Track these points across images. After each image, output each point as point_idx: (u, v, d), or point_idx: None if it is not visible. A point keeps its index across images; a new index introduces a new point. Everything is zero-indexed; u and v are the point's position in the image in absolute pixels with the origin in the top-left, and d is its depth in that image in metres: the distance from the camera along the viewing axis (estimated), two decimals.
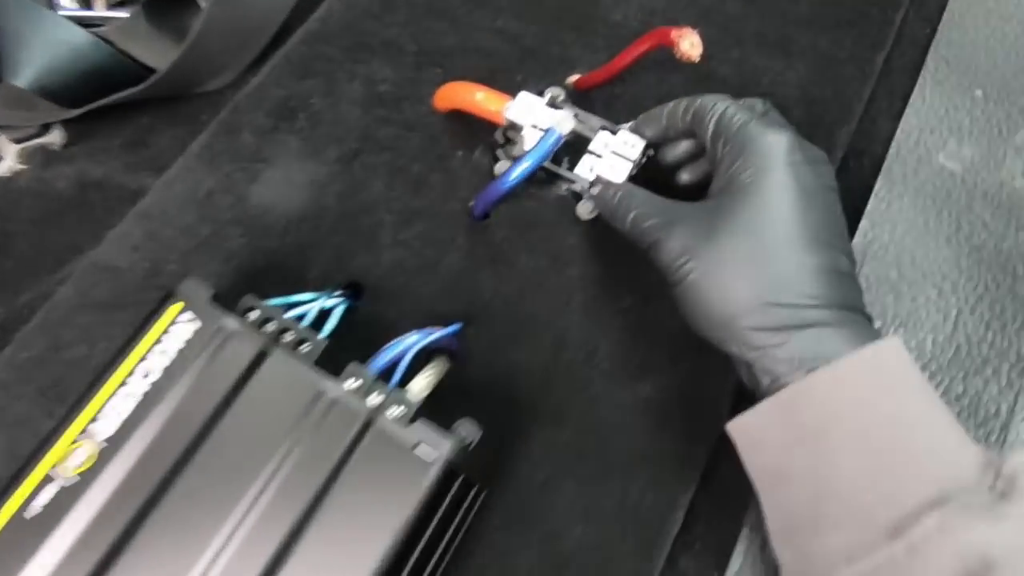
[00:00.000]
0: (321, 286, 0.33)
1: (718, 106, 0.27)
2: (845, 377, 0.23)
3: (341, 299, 0.30)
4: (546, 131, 0.31)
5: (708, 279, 0.25)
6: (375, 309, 0.32)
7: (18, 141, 0.41)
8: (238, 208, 0.35)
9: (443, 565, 0.26)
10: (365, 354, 0.28)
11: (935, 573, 0.20)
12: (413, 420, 0.25)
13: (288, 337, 0.27)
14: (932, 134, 0.34)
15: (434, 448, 0.24)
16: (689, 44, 0.28)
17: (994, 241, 0.31)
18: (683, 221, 0.27)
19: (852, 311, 0.24)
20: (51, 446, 0.24)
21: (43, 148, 0.40)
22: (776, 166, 0.25)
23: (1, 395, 0.31)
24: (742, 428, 0.25)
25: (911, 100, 0.35)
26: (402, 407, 0.26)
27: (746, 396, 0.30)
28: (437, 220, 0.34)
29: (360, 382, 0.26)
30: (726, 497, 0.28)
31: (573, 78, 0.37)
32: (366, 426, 0.24)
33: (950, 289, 0.30)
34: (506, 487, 0.28)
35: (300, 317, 0.29)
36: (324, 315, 0.29)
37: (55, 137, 0.41)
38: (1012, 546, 0.20)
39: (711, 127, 0.28)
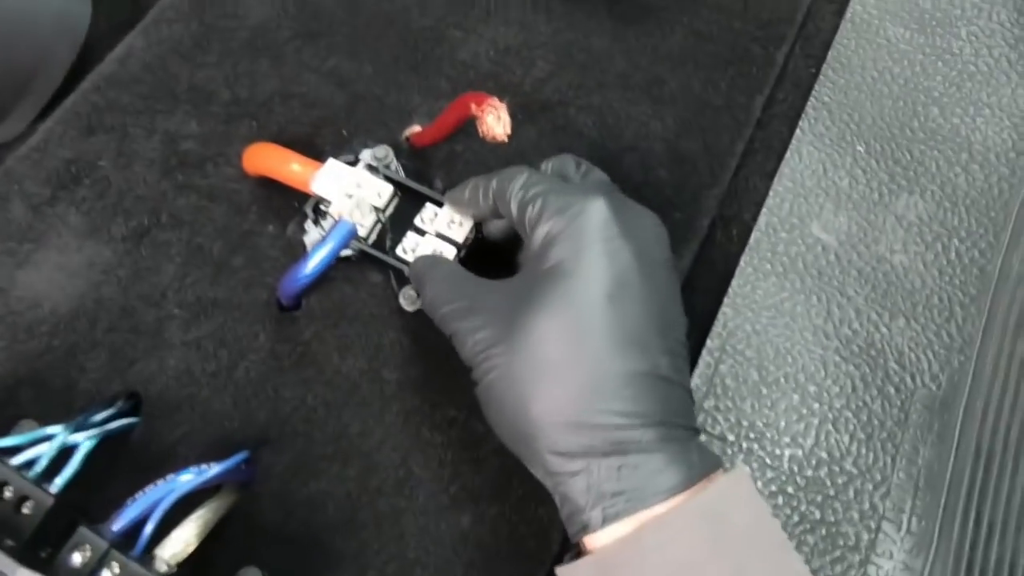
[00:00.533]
0: (91, 400, 0.28)
1: (516, 181, 0.23)
2: (665, 538, 0.19)
3: (94, 432, 0.25)
4: (337, 220, 0.26)
5: (505, 385, 0.21)
6: (153, 428, 0.27)
7: None
8: None
9: None
10: (137, 487, 0.23)
11: None
12: None
13: (7, 494, 0.22)
14: (807, 199, 0.30)
15: None
16: (494, 119, 0.23)
17: (866, 331, 0.27)
18: (485, 308, 0.22)
19: (673, 427, 0.20)
20: None
21: None
22: (586, 246, 0.21)
23: None
24: None
25: (786, 157, 0.31)
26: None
27: None
28: (237, 313, 0.29)
29: (87, 555, 0.21)
30: None
31: (410, 131, 0.32)
32: None
33: (814, 394, 0.26)
34: None
35: (32, 462, 0.24)
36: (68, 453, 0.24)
37: None
38: None
39: (514, 207, 0.23)
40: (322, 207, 0.30)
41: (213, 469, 0.24)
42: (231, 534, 0.25)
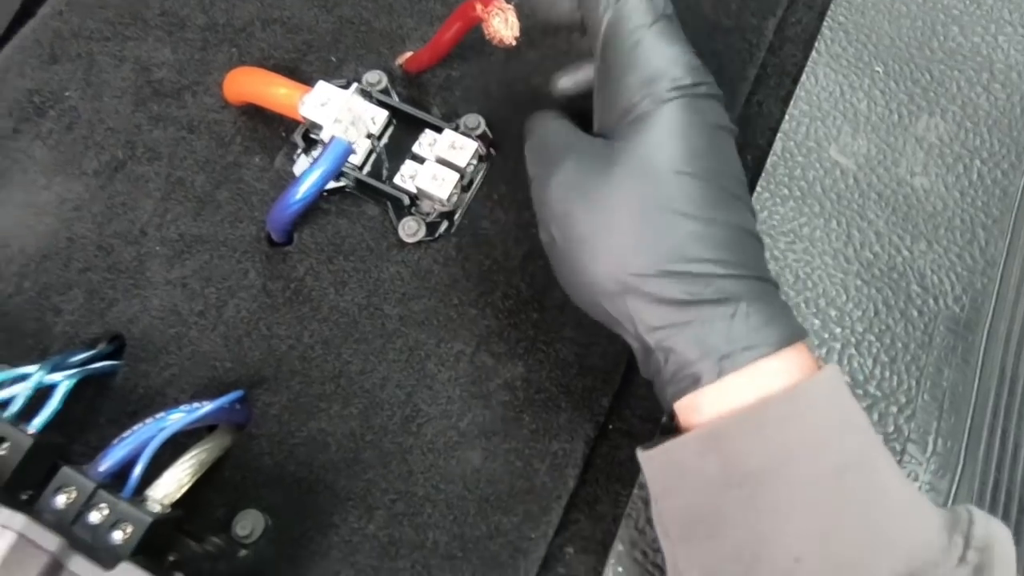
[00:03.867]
0: (69, 343, 0.26)
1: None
2: (792, 412, 0.18)
3: (73, 371, 0.23)
4: (330, 139, 0.24)
5: (593, 237, 0.20)
6: (138, 371, 0.25)
7: None
8: None
9: None
10: (123, 431, 0.21)
11: None
12: (137, 552, 0.19)
13: None
14: (824, 122, 0.28)
15: None
16: (501, 22, 0.21)
17: (887, 255, 0.26)
18: (568, 158, 0.21)
19: (762, 280, 0.20)
20: None
21: None
22: (675, 96, 0.20)
23: None
24: (659, 459, 0.20)
25: (802, 80, 0.29)
26: (129, 528, 0.20)
27: (603, 467, 0.25)
28: (224, 249, 0.27)
29: (72, 496, 0.20)
30: None
31: (403, 57, 0.30)
32: None
33: (836, 318, 0.25)
34: None
35: (6, 402, 0.22)
36: (45, 393, 0.22)
37: None
38: None
39: (603, 25, 0.21)
40: (312, 135, 0.28)
41: (205, 407, 0.23)
42: (229, 477, 0.24)
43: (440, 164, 0.26)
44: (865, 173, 0.27)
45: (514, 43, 0.22)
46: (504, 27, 0.21)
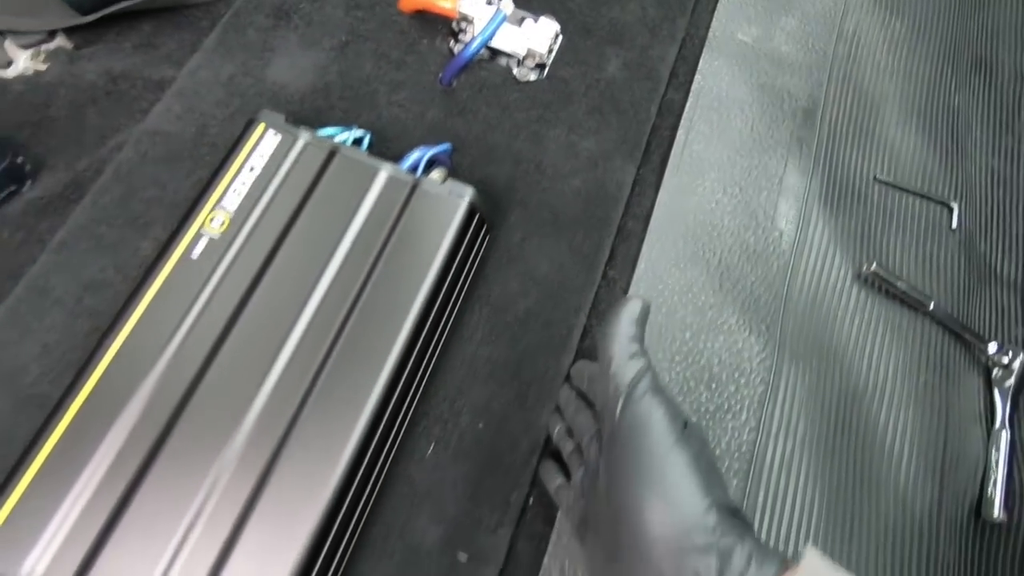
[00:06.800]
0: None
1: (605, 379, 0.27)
2: None
3: (365, 132, 0.42)
4: (495, 13, 0.45)
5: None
6: (383, 150, 0.44)
7: (25, 47, 0.47)
8: (258, 86, 0.45)
9: (465, 288, 0.40)
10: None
11: None
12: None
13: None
14: (732, 21, 0.52)
15: (462, 195, 0.37)
16: None
17: (771, 80, 0.50)
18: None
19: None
20: (196, 215, 0.34)
21: (62, 49, 0.46)
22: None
23: (95, 227, 0.40)
24: None
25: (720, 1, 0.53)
26: (435, 174, 0.39)
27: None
28: (417, 88, 0.47)
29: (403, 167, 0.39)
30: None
31: None
32: (414, 188, 0.37)
33: (750, 121, 0.48)
34: (496, 242, 0.42)
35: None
36: (356, 142, 0.41)
37: (62, 42, 0.47)
38: None
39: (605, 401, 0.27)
40: (463, 24, 0.48)
41: (437, 147, 0.42)
42: None
43: (537, 36, 0.47)
44: (757, 44, 0.51)
45: None
46: None
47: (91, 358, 0.32)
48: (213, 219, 0.35)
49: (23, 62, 0.46)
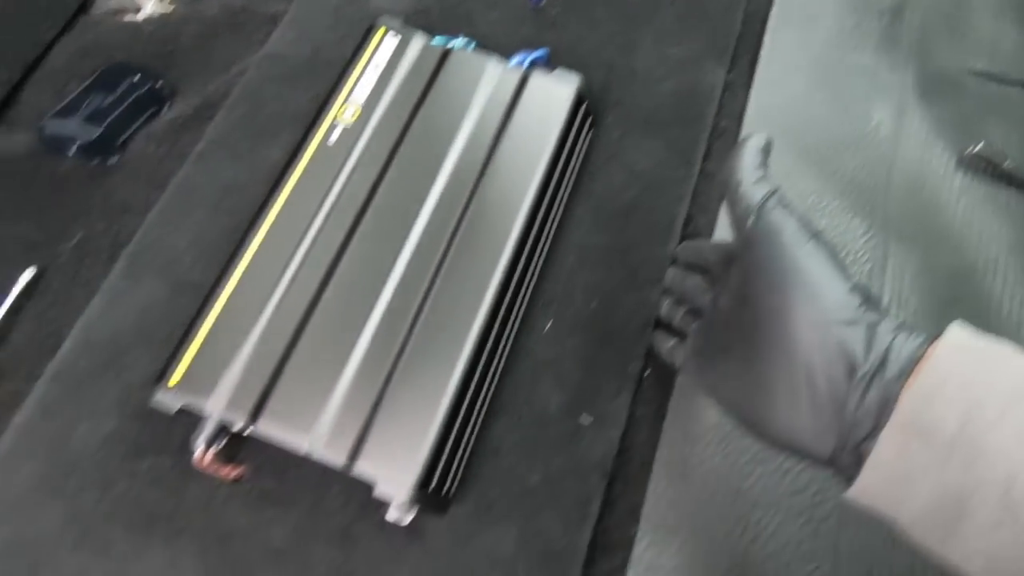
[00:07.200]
0: None
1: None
2: (965, 365, 0.22)
3: (469, 39, 0.45)
4: None
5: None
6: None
7: None
8: (363, 12, 0.48)
9: (573, 178, 0.42)
10: None
11: None
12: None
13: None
14: None
15: (570, 83, 0.39)
16: None
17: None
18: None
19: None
20: (331, 106, 0.37)
21: None
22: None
23: (228, 139, 0.43)
24: (871, 480, 0.23)
25: None
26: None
27: None
28: (512, 10, 0.49)
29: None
30: None
31: None
32: (524, 79, 0.39)
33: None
34: (597, 141, 0.44)
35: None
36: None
37: None
38: None
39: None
40: None
41: (538, 52, 0.44)
42: None
43: None
44: None
45: None
46: None
47: (252, 224, 0.36)
48: (345, 110, 0.38)
49: (150, 6, 0.51)
